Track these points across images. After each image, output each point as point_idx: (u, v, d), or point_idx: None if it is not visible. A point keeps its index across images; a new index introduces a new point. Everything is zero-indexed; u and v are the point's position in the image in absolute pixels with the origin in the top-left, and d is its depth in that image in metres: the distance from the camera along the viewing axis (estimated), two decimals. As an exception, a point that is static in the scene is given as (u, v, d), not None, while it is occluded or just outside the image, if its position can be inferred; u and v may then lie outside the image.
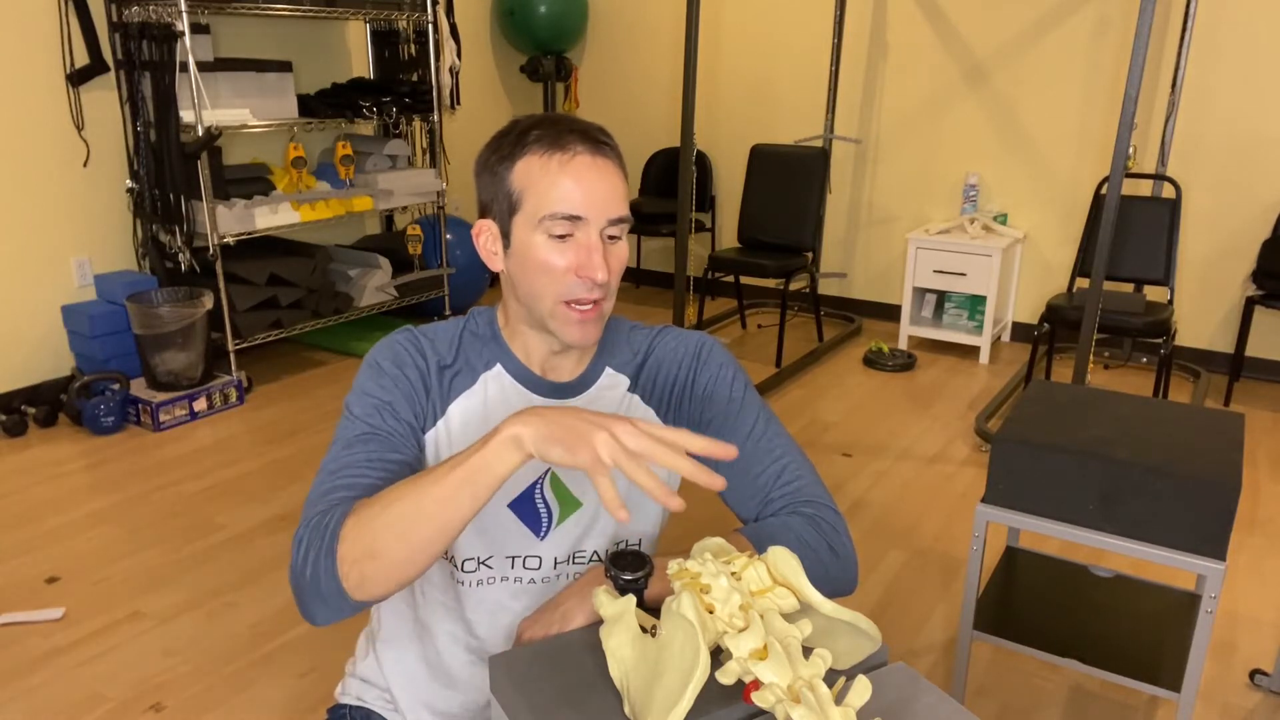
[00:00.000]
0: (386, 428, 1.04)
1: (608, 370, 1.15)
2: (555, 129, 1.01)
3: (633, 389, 1.16)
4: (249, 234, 3.61)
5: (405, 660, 1.20)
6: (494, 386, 1.11)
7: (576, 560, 1.15)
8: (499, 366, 1.12)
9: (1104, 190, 3.67)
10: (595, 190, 1.00)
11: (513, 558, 1.13)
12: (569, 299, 1.03)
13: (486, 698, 1.18)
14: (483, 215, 1.08)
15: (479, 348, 1.13)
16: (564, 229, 1.01)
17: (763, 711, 0.80)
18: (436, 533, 0.87)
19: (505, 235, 1.05)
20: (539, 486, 1.12)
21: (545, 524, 1.13)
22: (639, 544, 1.18)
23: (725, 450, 0.85)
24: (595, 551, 1.16)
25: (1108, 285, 3.32)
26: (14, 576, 2.44)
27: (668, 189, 5.20)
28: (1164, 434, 1.70)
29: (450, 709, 1.18)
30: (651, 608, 0.94)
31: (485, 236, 1.08)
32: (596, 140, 1.02)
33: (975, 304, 4.39)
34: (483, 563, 1.12)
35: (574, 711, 0.81)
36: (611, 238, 1.04)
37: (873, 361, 4.21)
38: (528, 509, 1.12)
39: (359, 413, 1.05)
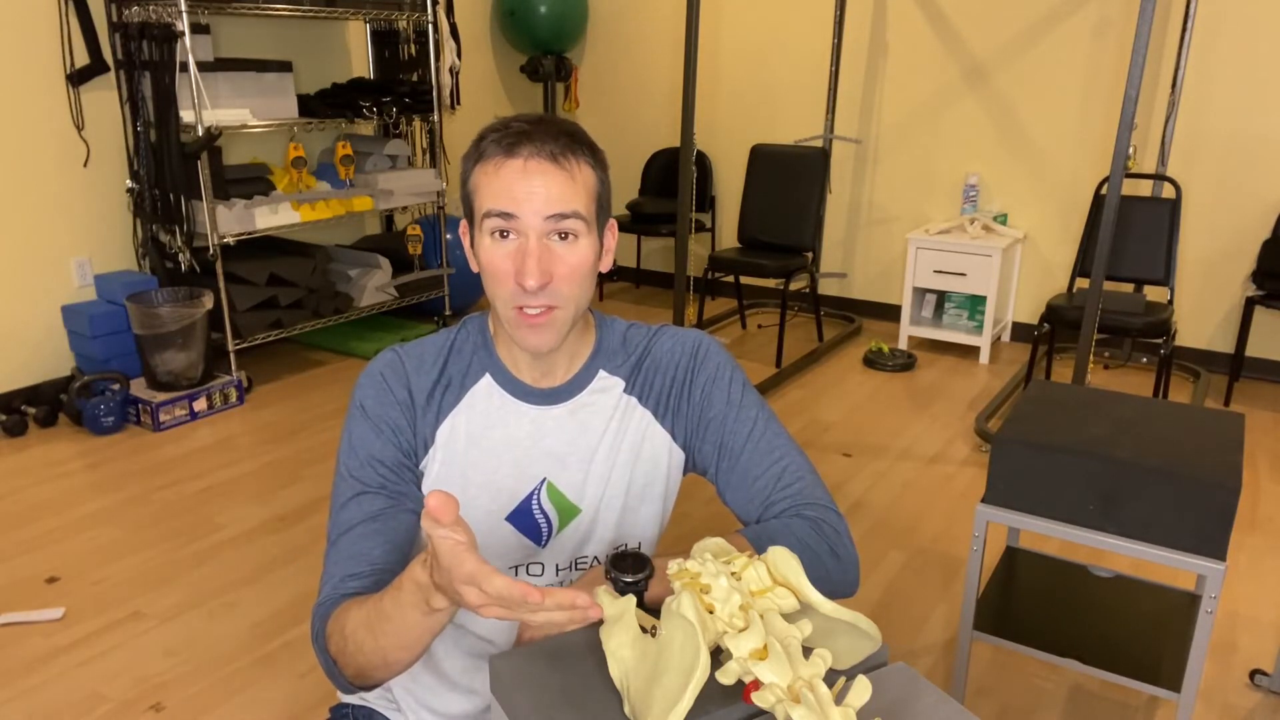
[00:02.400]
0: (378, 479, 1.05)
1: (601, 373, 1.14)
2: (507, 130, 1.00)
3: (629, 391, 1.14)
4: (249, 234, 3.61)
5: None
6: (481, 400, 1.10)
7: (579, 567, 1.15)
8: (487, 377, 1.11)
9: (1104, 190, 3.68)
10: (533, 188, 0.97)
11: (515, 567, 1.12)
12: (518, 304, 1.01)
13: (487, 698, 1.17)
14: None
15: (468, 357, 1.11)
16: (499, 226, 0.99)
17: (763, 711, 0.79)
18: (411, 644, 0.89)
19: (472, 238, 1.06)
20: (536, 497, 1.11)
21: (545, 533, 1.12)
22: (639, 546, 1.18)
23: (591, 615, 0.78)
24: (595, 557, 1.15)
25: (1108, 285, 3.32)
26: (14, 576, 2.44)
27: (668, 189, 5.20)
28: (1164, 434, 1.70)
29: (450, 710, 1.18)
30: (652, 608, 0.94)
31: (466, 239, 1.08)
32: (546, 139, 0.99)
33: (975, 304, 4.39)
34: None
35: (574, 711, 0.81)
36: (563, 236, 1.00)
37: (873, 361, 4.21)
38: (526, 521, 1.11)
39: (350, 467, 1.06)
